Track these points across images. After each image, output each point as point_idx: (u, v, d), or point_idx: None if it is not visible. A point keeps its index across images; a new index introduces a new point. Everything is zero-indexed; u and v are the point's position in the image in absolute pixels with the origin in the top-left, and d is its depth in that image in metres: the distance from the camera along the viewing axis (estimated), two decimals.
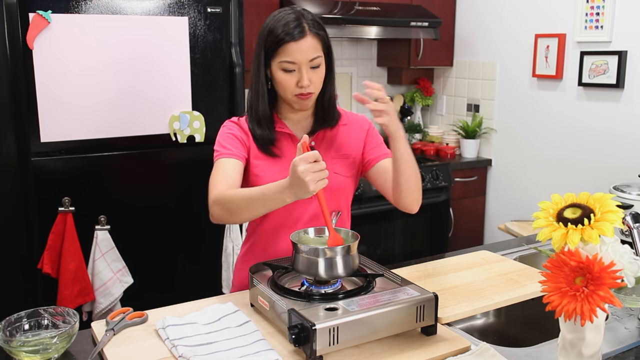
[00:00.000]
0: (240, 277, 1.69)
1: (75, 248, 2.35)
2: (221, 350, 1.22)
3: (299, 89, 1.49)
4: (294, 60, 1.46)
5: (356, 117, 1.70)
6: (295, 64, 1.47)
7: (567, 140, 3.24)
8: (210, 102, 2.61)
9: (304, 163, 1.24)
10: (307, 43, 1.46)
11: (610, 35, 2.94)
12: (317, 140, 1.61)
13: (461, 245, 3.40)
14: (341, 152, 1.62)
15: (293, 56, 1.46)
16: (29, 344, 1.20)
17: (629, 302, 1.31)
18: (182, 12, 2.49)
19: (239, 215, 1.44)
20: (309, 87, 1.49)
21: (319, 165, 1.25)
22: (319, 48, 1.49)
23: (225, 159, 1.53)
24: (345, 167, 1.62)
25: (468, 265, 1.76)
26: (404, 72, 3.92)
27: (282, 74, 1.49)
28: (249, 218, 1.47)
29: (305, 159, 1.24)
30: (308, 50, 1.46)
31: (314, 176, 1.24)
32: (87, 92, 2.36)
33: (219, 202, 1.46)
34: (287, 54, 1.46)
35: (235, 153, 1.54)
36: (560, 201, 1.07)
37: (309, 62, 1.47)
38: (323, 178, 1.26)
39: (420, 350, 1.24)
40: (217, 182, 1.50)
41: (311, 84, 1.49)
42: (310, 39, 1.47)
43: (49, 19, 2.24)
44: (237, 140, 1.56)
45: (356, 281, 1.41)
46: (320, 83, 1.53)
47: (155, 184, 2.57)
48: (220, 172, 1.52)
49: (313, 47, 1.47)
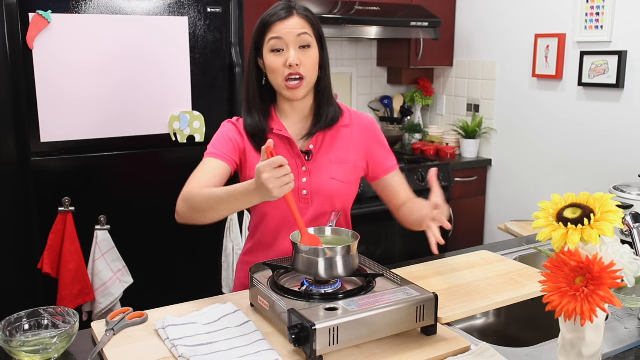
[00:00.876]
0: (241, 276, 1.69)
1: (75, 248, 2.35)
2: (221, 350, 1.22)
3: (288, 68, 1.47)
4: (280, 35, 1.46)
5: (360, 117, 1.65)
6: (282, 40, 1.46)
7: (567, 140, 3.24)
8: (210, 102, 2.61)
9: (267, 170, 1.22)
10: (293, 21, 1.47)
11: (610, 35, 2.94)
12: (316, 144, 1.57)
13: (461, 245, 3.39)
14: (340, 156, 1.59)
15: (280, 32, 1.46)
16: (29, 344, 1.20)
17: (629, 302, 1.31)
18: (182, 12, 2.49)
19: (204, 214, 1.42)
20: (299, 68, 1.47)
21: (283, 170, 1.23)
22: (306, 27, 1.49)
23: (210, 158, 1.53)
24: (343, 172, 1.58)
25: (468, 265, 1.76)
26: (404, 72, 3.92)
27: (271, 56, 1.48)
28: (213, 218, 1.43)
29: (269, 165, 1.22)
30: (295, 26, 1.47)
31: (277, 182, 1.23)
32: (87, 92, 2.36)
33: (185, 199, 1.45)
34: (274, 32, 1.47)
35: (223, 154, 1.53)
36: (560, 201, 1.07)
37: (296, 37, 1.47)
38: (288, 182, 1.24)
39: (420, 350, 1.24)
40: (192, 179, 1.50)
41: (300, 64, 1.47)
42: (297, 18, 1.48)
43: (49, 19, 2.24)
44: (230, 142, 1.55)
45: (356, 281, 1.41)
46: (312, 68, 1.50)
47: (155, 184, 2.57)
48: (200, 170, 1.52)
49: (300, 25, 1.48)
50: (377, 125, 1.67)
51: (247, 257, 1.67)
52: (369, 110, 4.04)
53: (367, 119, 1.66)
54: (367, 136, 1.63)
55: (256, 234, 1.64)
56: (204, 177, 1.50)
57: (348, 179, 1.59)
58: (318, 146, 1.58)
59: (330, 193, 1.55)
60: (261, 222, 1.61)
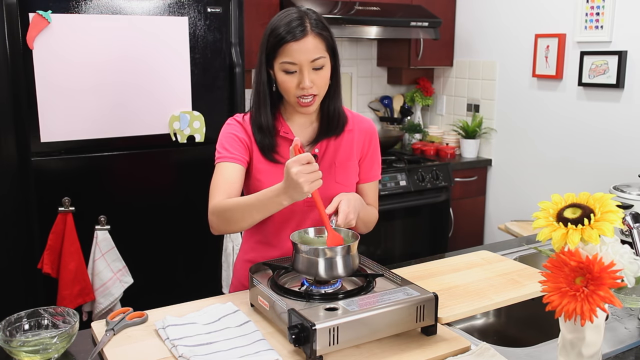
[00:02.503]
0: (240, 276, 1.68)
1: (75, 248, 2.35)
2: (221, 350, 1.22)
3: (301, 90, 1.46)
4: (295, 60, 1.44)
5: (362, 121, 1.67)
6: (296, 65, 1.44)
7: (567, 140, 3.24)
8: (210, 102, 2.61)
9: (297, 165, 1.26)
10: (308, 43, 1.43)
11: (610, 35, 2.94)
12: (321, 149, 1.58)
13: (461, 245, 3.40)
14: (344, 160, 1.60)
15: (293, 56, 1.43)
16: (29, 344, 1.20)
17: (629, 302, 1.31)
18: (182, 12, 2.49)
19: (238, 224, 1.45)
20: (311, 89, 1.46)
21: (312, 166, 1.27)
22: (321, 48, 1.46)
23: (226, 163, 1.52)
24: (347, 175, 1.60)
25: (468, 265, 1.76)
26: (404, 72, 3.92)
27: (283, 75, 1.46)
28: (248, 225, 1.46)
29: (298, 161, 1.26)
30: (309, 50, 1.43)
31: (307, 177, 1.26)
32: (87, 92, 2.36)
33: (216, 213, 1.46)
34: (288, 54, 1.44)
35: (237, 157, 1.52)
36: (560, 201, 1.07)
37: (310, 63, 1.44)
38: (317, 179, 1.28)
39: (420, 350, 1.24)
40: (216, 190, 1.49)
41: (313, 85, 1.46)
42: (312, 39, 1.44)
43: (49, 19, 2.24)
44: (239, 142, 1.54)
45: (356, 281, 1.41)
46: (324, 85, 1.50)
47: (155, 184, 2.57)
48: (220, 178, 1.51)
49: (315, 48, 1.44)
50: (376, 131, 1.69)
51: (247, 256, 1.66)
52: (369, 110, 4.04)
53: (369, 124, 1.67)
54: (366, 141, 1.65)
55: (257, 234, 1.64)
56: (227, 187, 1.49)
57: (351, 182, 1.62)
58: (323, 150, 1.59)
59: (334, 196, 1.55)
60: (264, 222, 1.60)
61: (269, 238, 1.61)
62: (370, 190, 1.68)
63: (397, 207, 3.30)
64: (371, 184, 1.68)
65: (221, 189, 1.49)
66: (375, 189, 1.71)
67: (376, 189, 1.71)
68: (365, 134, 1.65)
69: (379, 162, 1.69)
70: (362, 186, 1.67)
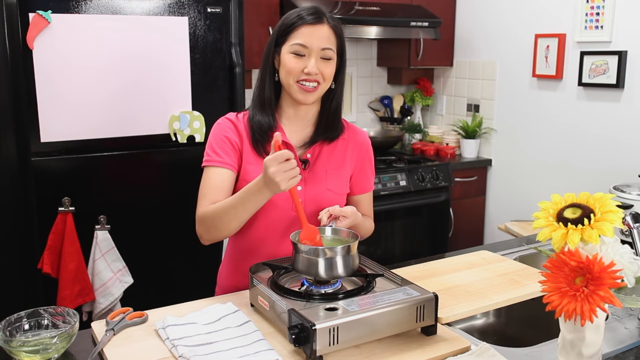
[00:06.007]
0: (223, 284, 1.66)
1: (75, 248, 2.35)
2: (221, 350, 1.22)
3: (305, 75, 1.45)
4: (307, 44, 1.43)
5: (356, 132, 1.66)
6: (307, 49, 1.44)
7: (567, 140, 3.24)
8: (210, 102, 2.61)
9: (274, 164, 1.27)
10: (323, 30, 1.44)
11: (610, 35, 2.94)
12: (314, 154, 1.57)
13: (461, 245, 3.40)
14: (336, 168, 1.59)
15: (306, 39, 1.43)
16: (29, 344, 1.20)
17: (629, 302, 1.31)
18: (182, 12, 2.49)
19: (226, 228, 1.44)
20: (316, 75, 1.45)
21: (289, 164, 1.28)
22: (333, 42, 1.46)
23: (214, 167, 1.51)
24: (338, 184, 1.59)
25: (468, 265, 1.76)
26: (404, 72, 3.93)
27: (291, 57, 1.45)
28: (236, 228, 1.45)
29: (275, 159, 1.27)
30: (322, 38, 1.44)
31: (284, 176, 1.28)
32: (87, 92, 2.36)
33: (201, 221, 1.46)
34: (301, 36, 1.43)
35: (227, 161, 1.51)
36: (560, 201, 1.07)
37: (320, 50, 1.44)
38: (294, 176, 1.29)
39: (420, 350, 1.24)
40: (202, 200, 1.49)
41: (319, 73, 1.45)
42: (327, 28, 1.45)
43: (49, 19, 2.24)
44: (228, 144, 1.52)
45: (356, 281, 1.41)
46: (329, 77, 1.49)
47: (155, 184, 2.57)
48: (206, 186, 1.50)
49: (328, 37, 1.45)
50: (370, 144, 1.69)
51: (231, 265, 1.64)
52: (369, 110, 4.04)
53: (363, 136, 1.68)
54: (360, 153, 1.65)
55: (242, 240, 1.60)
56: (213, 194, 1.48)
57: (342, 191, 1.61)
58: (315, 156, 1.58)
59: (325, 203, 1.54)
60: (248, 230, 1.56)
61: (253, 246, 1.58)
62: (365, 201, 1.69)
63: (397, 207, 3.30)
64: (366, 195, 1.69)
65: (207, 198, 1.48)
66: (370, 200, 1.72)
67: (371, 199, 1.72)
68: (360, 147, 1.65)
69: (373, 173, 1.70)
70: (358, 197, 1.67)
